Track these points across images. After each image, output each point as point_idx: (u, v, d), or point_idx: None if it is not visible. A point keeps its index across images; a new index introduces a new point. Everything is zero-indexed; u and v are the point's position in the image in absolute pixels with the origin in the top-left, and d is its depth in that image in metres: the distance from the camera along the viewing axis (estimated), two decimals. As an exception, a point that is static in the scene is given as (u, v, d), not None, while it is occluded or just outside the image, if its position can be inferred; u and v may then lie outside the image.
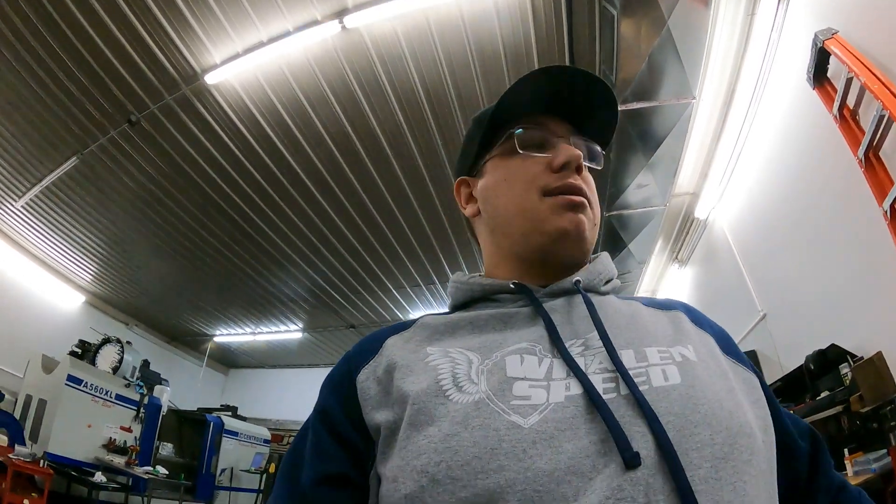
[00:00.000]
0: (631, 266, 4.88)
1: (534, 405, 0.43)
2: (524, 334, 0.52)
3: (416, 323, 0.59)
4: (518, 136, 0.61)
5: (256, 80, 3.73)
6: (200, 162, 4.52)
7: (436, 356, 0.51)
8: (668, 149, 3.40)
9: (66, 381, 4.80)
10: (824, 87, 2.24)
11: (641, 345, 0.50)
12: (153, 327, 8.35)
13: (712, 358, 0.51)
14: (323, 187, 4.79)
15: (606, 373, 0.46)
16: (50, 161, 4.57)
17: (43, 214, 5.33)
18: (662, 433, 0.39)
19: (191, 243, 5.79)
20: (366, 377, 0.52)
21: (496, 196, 0.62)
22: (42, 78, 3.77)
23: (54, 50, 3.54)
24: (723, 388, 0.46)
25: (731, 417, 0.42)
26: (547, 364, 0.48)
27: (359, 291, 6.82)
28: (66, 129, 4.22)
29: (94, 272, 6.56)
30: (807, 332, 2.70)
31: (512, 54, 3.44)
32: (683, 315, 0.59)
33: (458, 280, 0.64)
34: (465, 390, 0.46)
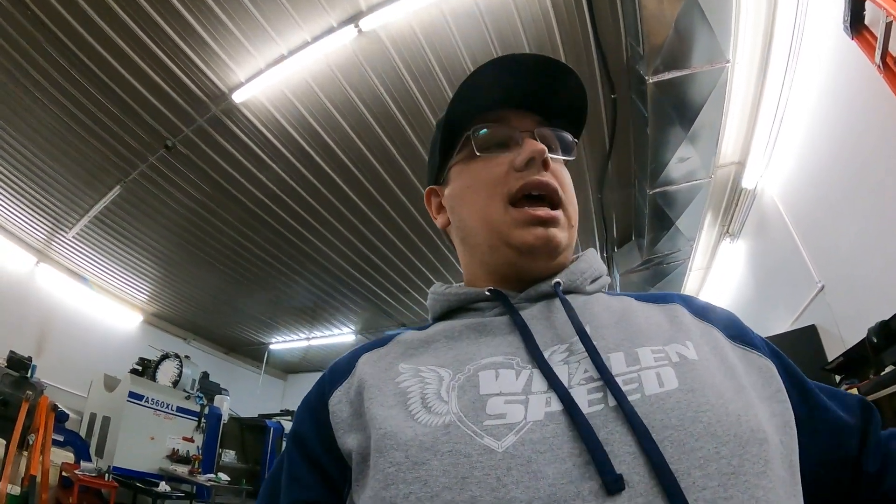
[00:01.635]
0: (681, 244, 4.65)
1: (509, 424, 0.39)
2: (500, 345, 0.48)
3: (394, 339, 0.56)
4: (476, 138, 0.57)
5: (282, 93, 3.78)
6: (238, 178, 4.65)
7: (406, 375, 0.48)
8: (707, 118, 3.20)
9: (128, 398, 5.06)
10: (863, 35, 2.06)
11: (633, 345, 0.45)
12: (210, 340, 8.71)
13: (716, 352, 0.46)
14: (360, 191, 4.82)
15: (592, 382, 0.41)
16: (95, 192, 4.83)
17: (94, 242, 5.66)
18: (655, 451, 0.34)
19: (238, 256, 5.97)
20: (338, 399, 0.49)
21: (461, 205, 0.59)
22: (78, 116, 3.99)
23: (86, 88, 3.74)
24: (729, 387, 0.41)
25: (739, 423, 0.37)
26: (525, 376, 0.44)
27: (407, 291, 6.85)
28: (107, 160, 4.44)
29: (149, 292, 6.91)
30: (868, 303, 2.49)
31: (533, 37, 3.34)
32: (681, 307, 0.53)
33: (435, 291, 0.61)
34: (435, 411, 0.42)
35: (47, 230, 5.54)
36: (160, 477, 5.09)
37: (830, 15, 2.30)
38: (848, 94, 2.42)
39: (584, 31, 3.26)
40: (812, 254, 3.15)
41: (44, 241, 5.78)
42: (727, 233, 4.66)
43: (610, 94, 3.65)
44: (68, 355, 6.01)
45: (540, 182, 0.53)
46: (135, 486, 4.79)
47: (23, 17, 3.24)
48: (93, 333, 6.59)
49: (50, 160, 4.48)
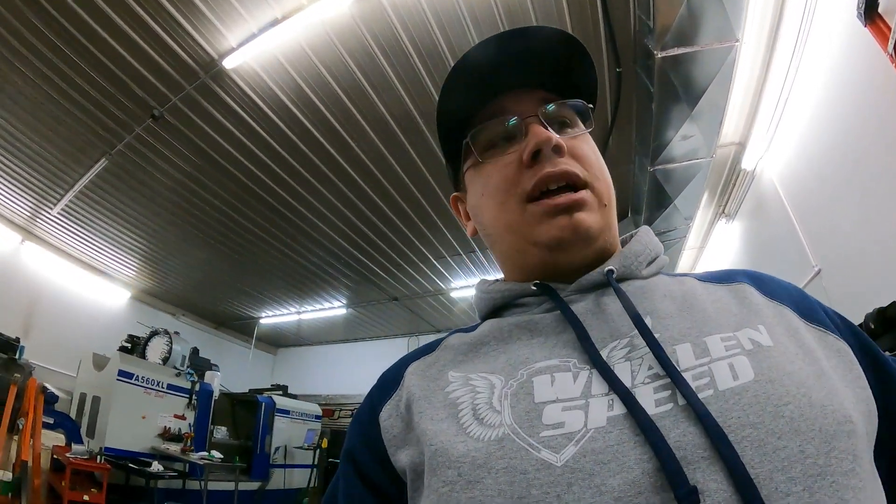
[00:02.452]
0: (677, 222, 4.66)
1: (568, 434, 0.36)
2: (554, 346, 0.45)
3: (441, 344, 0.53)
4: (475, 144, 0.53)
5: (276, 59, 3.64)
6: (228, 148, 4.51)
7: (456, 384, 0.45)
8: (712, 97, 3.17)
9: (118, 377, 5.00)
10: (876, 23, 2.02)
11: (701, 334, 0.41)
12: (200, 315, 8.64)
13: (792, 336, 0.42)
14: (354, 162, 4.72)
15: (658, 379, 0.38)
16: (80, 165, 4.67)
17: (80, 218, 5.51)
18: (732, 454, 0.31)
19: (227, 229, 5.86)
20: (388, 414, 0.47)
21: (481, 214, 0.55)
22: (60, 85, 3.81)
23: (67, 55, 3.56)
24: (810, 374, 0.37)
25: (824, 415, 0.34)
26: (584, 379, 0.40)
27: (399, 264, 6.80)
28: (92, 132, 4.27)
29: (137, 267, 6.79)
30: (866, 289, 2.49)
31: (542, 11, 3.24)
32: (750, 287, 0.49)
33: (481, 289, 0.57)
34: (488, 423, 0.39)
35: (31, 207, 5.37)
36: (153, 456, 5.08)
37: (844, 1, 2.26)
38: (856, 80, 2.39)
39: (592, 2, 3.16)
40: (809, 237, 3.16)
41: (28, 218, 5.61)
42: (723, 213, 4.67)
43: (615, 67, 3.58)
44: (56, 335, 5.92)
45: (554, 174, 0.48)
46: (127, 468, 4.78)
47: None
48: (81, 312, 6.49)
49: (32, 133, 4.29)
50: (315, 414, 8.11)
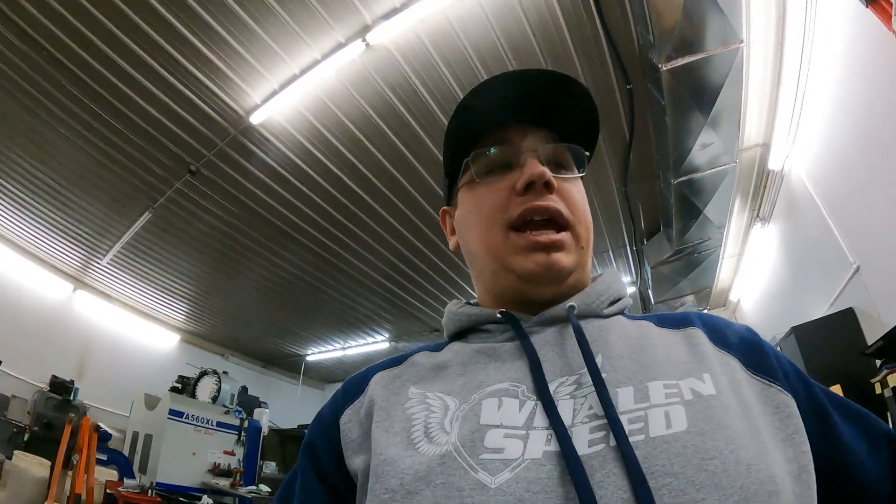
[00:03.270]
0: (711, 232, 4.51)
1: (506, 460, 0.38)
2: (507, 371, 0.47)
3: (408, 360, 0.56)
4: (474, 164, 0.56)
5: (298, 111, 3.86)
6: (263, 196, 4.76)
7: (414, 401, 0.47)
8: (726, 101, 3.09)
9: (169, 415, 5.22)
10: (877, 2, 1.98)
11: (645, 378, 0.43)
12: (248, 354, 8.92)
13: (734, 387, 0.43)
14: (384, 202, 4.87)
15: (596, 420, 0.40)
16: (125, 219, 5.03)
17: (128, 266, 5.88)
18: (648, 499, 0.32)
19: (269, 272, 6.10)
20: (348, 419, 0.50)
21: (466, 231, 0.58)
22: (103, 148, 4.16)
23: (108, 121, 3.90)
24: (743, 430, 0.38)
25: (748, 473, 0.34)
26: (529, 408, 0.42)
27: (436, 296, 6.87)
28: (134, 188, 4.61)
29: (185, 312, 7.13)
30: None
31: (542, 35, 3.31)
32: (702, 333, 0.50)
33: (450, 310, 0.60)
34: (435, 440, 0.41)
35: (82, 258, 5.78)
36: (202, 490, 5.22)
37: None
38: (867, 63, 2.33)
39: (591, 23, 3.21)
40: (845, 233, 3.02)
41: (79, 269, 6.02)
42: (757, 217, 4.50)
43: (625, 84, 3.58)
44: (109, 377, 6.25)
45: (540, 207, 0.51)
46: (177, 501, 4.94)
47: (39, 58, 3.39)
48: (132, 355, 6.83)
49: (79, 191, 4.68)
50: (362, 446, 8.15)
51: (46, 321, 5.78)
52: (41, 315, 5.74)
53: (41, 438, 4.40)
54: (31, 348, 5.38)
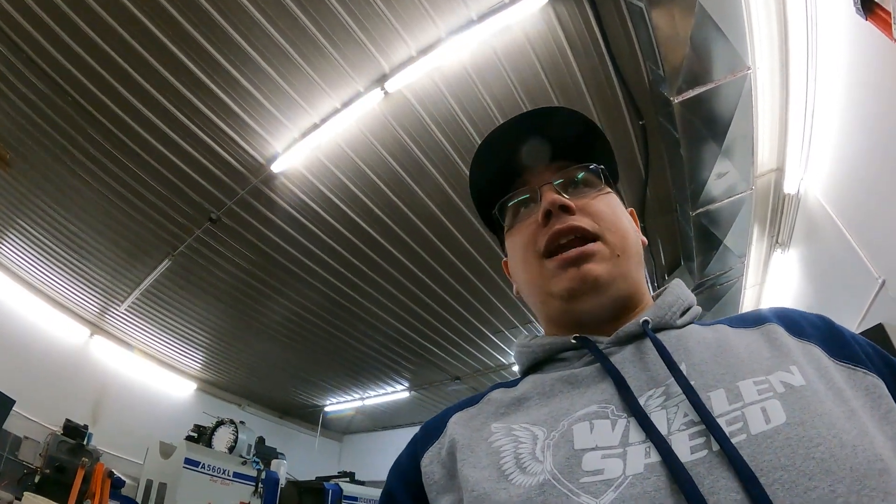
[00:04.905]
0: (731, 262, 4.49)
1: (608, 480, 0.38)
2: (593, 395, 0.47)
3: (484, 398, 0.56)
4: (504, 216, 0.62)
5: (318, 160, 3.97)
6: (283, 245, 4.82)
7: (499, 435, 0.47)
8: (738, 129, 3.15)
9: (184, 464, 5.09)
10: (876, 13, 1.99)
11: (734, 379, 0.43)
12: (265, 405, 8.80)
13: (822, 375, 0.43)
14: (404, 248, 4.92)
15: (693, 426, 0.40)
16: (145, 266, 5.09)
17: (146, 313, 5.91)
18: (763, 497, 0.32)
19: (288, 321, 6.11)
20: (430, 461, 0.50)
21: (516, 274, 0.63)
22: (124, 195, 4.25)
23: (130, 168, 4.00)
24: (841, 414, 0.38)
25: (854, 454, 0.35)
26: (622, 426, 0.42)
27: (458, 343, 6.81)
28: (155, 235, 4.69)
29: (202, 360, 7.10)
30: None
31: (554, 76, 3.43)
32: (779, 327, 0.51)
33: (521, 343, 0.62)
34: (530, 471, 0.41)
35: (100, 304, 5.82)
36: None
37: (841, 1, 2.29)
38: (872, 75, 2.36)
39: (602, 63, 3.33)
40: (867, 249, 2.98)
41: (97, 314, 6.06)
42: (777, 243, 4.48)
43: (638, 120, 3.67)
44: (124, 423, 6.17)
45: (561, 229, 0.54)
46: None
47: (64, 103, 3.53)
48: (147, 402, 6.77)
49: (99, 237, 4.76)
50: (383, 499, 7.88)
51: (62, 365, 5.77)
52: (57, 359, 5.75)
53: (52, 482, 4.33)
54: (45, 391, 5.36)
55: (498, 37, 3.16)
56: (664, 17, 2.50)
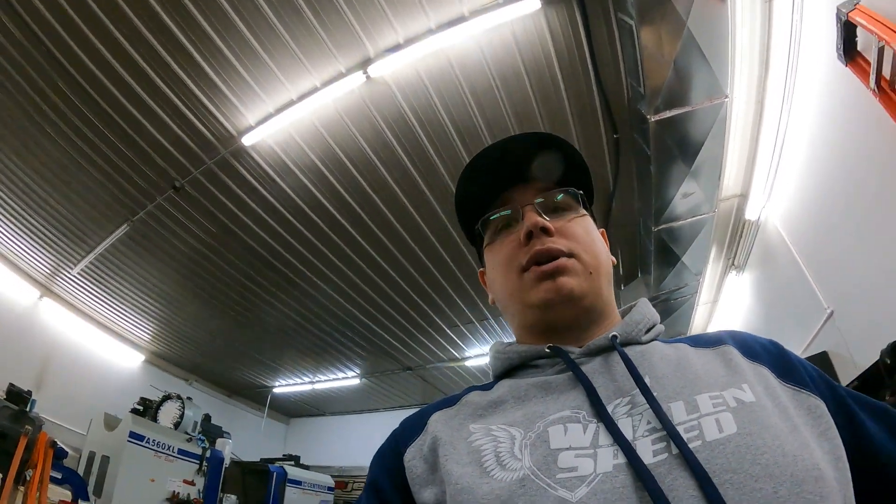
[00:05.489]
0: (687, 279, 4.66)
1: (581, 477, 0.42)
2: (566, 400, 0.51)
3: (461, 400, 0.60)
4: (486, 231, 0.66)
5: (291, 136, 3.88)
6: (246, 219, 4.70)
7: (478, 434, 0.51)
8: (708, 153, 3.27)
9: (129, 438, 4.93)
10: (856, 61, 2.12)
11: (692, 392, 0.48)
12: (213, 382, 8.60)
13: (769, 393, 0.48)
14: (366, 233, 4.88)
15: (656, 433, 0.44)
16: (102, 229, 4.85)
17: (99, 279, 5.65)
18: (715, 495, 0.37)
19: (243, 298, 5.98)
20: (412, 455, 0.53)
21: (494, 283, 0.67)
22: (88, 154, 4.03)
23: (97, 126, 3.79)
24: (784, 428, 0.43)
25: (795, 463, 0.39)
26: (592, 430, 0.46)
27: (412, 333, 6.83)
28: (115, 199, 4.48)
29: (152, 331, 6.86)
30: (879, 325, 2.47)
31: (536, 81, 3.45)
32: (733, 349, 0.55)
33: (497, 350, 0.65)
34: (509, 467, 0.45)
35: (52, 265, 5.53)
36: None
37: (823, 44, 2.37)
38: (843, 119, 2.47)
39: (585, 74, 3.37)
40: (818, 280, 3.15)
41: (48, 276, 5.75)
42: (733, 265, 4.66)
43: (612, 133, 3.74)
44: (68, 391, 5.93)
45: (541, 251, 0.58)
46: None
47: (37, 52, 3.30)
48: (94, 371, 6.51)
49: (58, 196, 4.49)
50: (328, 485, 7.83)
51: (8, 325, 5.47)
52: (3, 318, 5.44)
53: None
54: (-12, 352, 5.07)
55: (486, 35, 3.15)
56: (652, 36, 2.54)
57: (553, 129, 3.77)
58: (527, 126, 3.76)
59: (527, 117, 3.71)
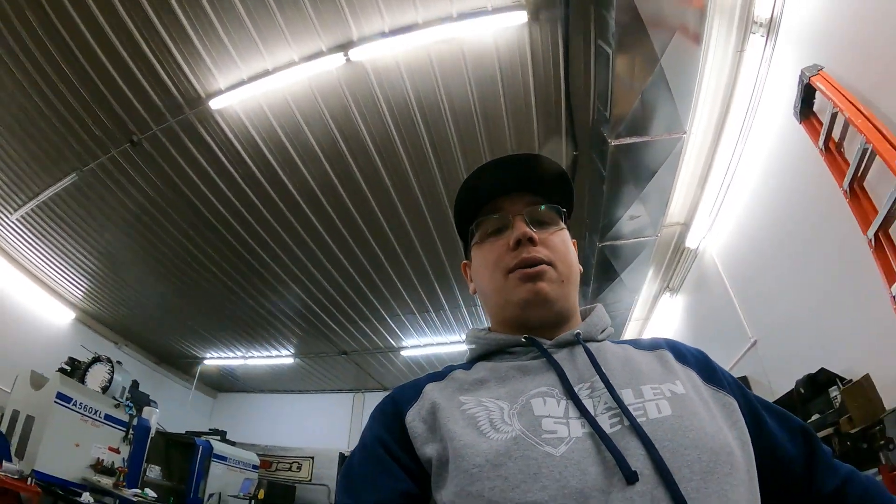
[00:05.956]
0: (623, 295, 4.93)
1: (560, 438, 0.53)
2: (541, 380, 0.63)
3: (448, 375, 0.70)
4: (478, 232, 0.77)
5: (260, 107, 3.82)
6: (200, 185, 4.57)
7: (471, 404, 0.61)
8: (659, 181, 3.48)
9: (56, 399, 4.70)
10: (810, 120, 2.34)
11: (638, 383, 0.61)
12: (143, 348, 8.27)
13: (696, 390, 0.62)
14: (321, 215, 4.87)
15: (611, 411, 0.57)
16: (48, 176, 4.57)
17: (38, 229, 5.31)
18: (657, 455, 0.49)
19: (185, 265, 5.80)
20: (413, 417, 0.62)
21: (479, 278, 0.77)
22: (45, 92, 3.77)
23: (60, 66, 3.56)
24: (706, 416, 0.57)
25: (713, 440, 0.53)
26: (564, 405, 0.58)
27: (352, 318, 6.85)
28: (67, 145, 4.23)
29: (87, 289, 6.53)
30: (796, 358, 2.76)
31: (510, 90, 3.58)
32: (668, 353, 0.69)
33: (476, 335, 0.76)
34: (502, 430, 0.56)
35: None
36: (83, 487, 4.72)
37: (782, 100, 2.59)
38: (790, 171, 2.71)
39: (557, 90, 3.52)
40: (746, 311, 3.44)
41: None
42: (668, 287, 4.98)
43: (572, 150, 3.91)
44: None
45: (527, 259, 0.69)
46: (57, 494, 4.43)
47: None
48: (21, 324, 6.13)
49: (7, 133, 4.16)
50: (253, 463, 7.75)
51: None
52: None
53: None
54: None
55: (470, 39, 3.24)
56: (626, 66, 2.69)
57: (518, 137, 3.93)
58: (494, 132, 3.88)
59: (495, 125, 3.83)
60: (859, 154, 1.96)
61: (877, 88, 1.96)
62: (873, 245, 1.96)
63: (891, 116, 1.88)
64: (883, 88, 1.94)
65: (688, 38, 2.62)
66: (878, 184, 1.98)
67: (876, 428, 1.98)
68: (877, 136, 1.82)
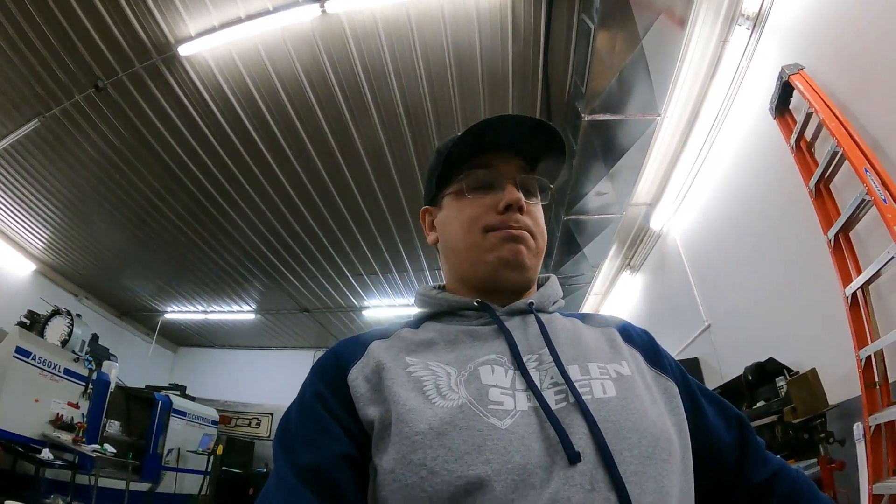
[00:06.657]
0: (584, 269, 5.05)
1: (506, 410, 0.52)
2: (491, 347, 0.61)
3: (395, 334, 0.66)
4: (466, 182, 0.71)
5: (230, 56, 3.69)
6: (165, 134, 4.43)
7: (417, 367, 0.58)
8: (629, 160, 3.53)
9: (15, 353, 4.58)
10: (785, 118, 2.38)
11: (585, 360, 0.60)
12: (103, 301, 8.09)
13: (640, 372, 0.62)
14: (287, 170, 4.80)
15: (557, 386, 0.56)
16: (10, 121, 4.35)
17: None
18: (600, 436, 0.50)
19: (148, 216, 5.66)
20: (356, 375, 0.58)
21: (449, 231, 0.72)
22: (9, 33, 3.56)
23: (24, 4, 3.36)
24: (648, 399, 0.57)
25: (654, 425, 0.53)
26: (511, 375, 0.57)
27: (315, 276, 6.84)
28: (30, 89, 4.02)
29: (47, 240, 6.31)
30: (747, 345, 2.87)
31: (488, 57, 3.54)
32: (616, 332, 0.69)
33: (426, 294, 0.73)
34: (448, 397, 0.54)
35: None
36: (42, 444, 4.67)
37: (759, 94, 2.62)
38: (759, 164, 2.77)
39: (535, 60, 3.50)
40: (703, 295, 3.55)
41: None
42: (629, 265, 5.12)
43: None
44: None
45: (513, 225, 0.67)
46: (16, 451, 4.38)
47: None
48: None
49: None
50: (212, 419, 7.76)
51: None
52: None
53: None
54: None
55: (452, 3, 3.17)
56: (607, 43, 2.68)
57: (492, 104, 3.91)
58: (468, 98, 3.85)
59: (470, 90, 3.80)
60: (829, 156, 2.00)
61: (853, 93, 2.00)
62: (832, 246, 2.02)
63: (864, 122, 1.93)
64: (859, 94, 1.98)
65: (672, 22, 2.63)
66: (844, 187, 2.03)
67: (818, 421, 2.09)
68: (848, 141, 1.86)
